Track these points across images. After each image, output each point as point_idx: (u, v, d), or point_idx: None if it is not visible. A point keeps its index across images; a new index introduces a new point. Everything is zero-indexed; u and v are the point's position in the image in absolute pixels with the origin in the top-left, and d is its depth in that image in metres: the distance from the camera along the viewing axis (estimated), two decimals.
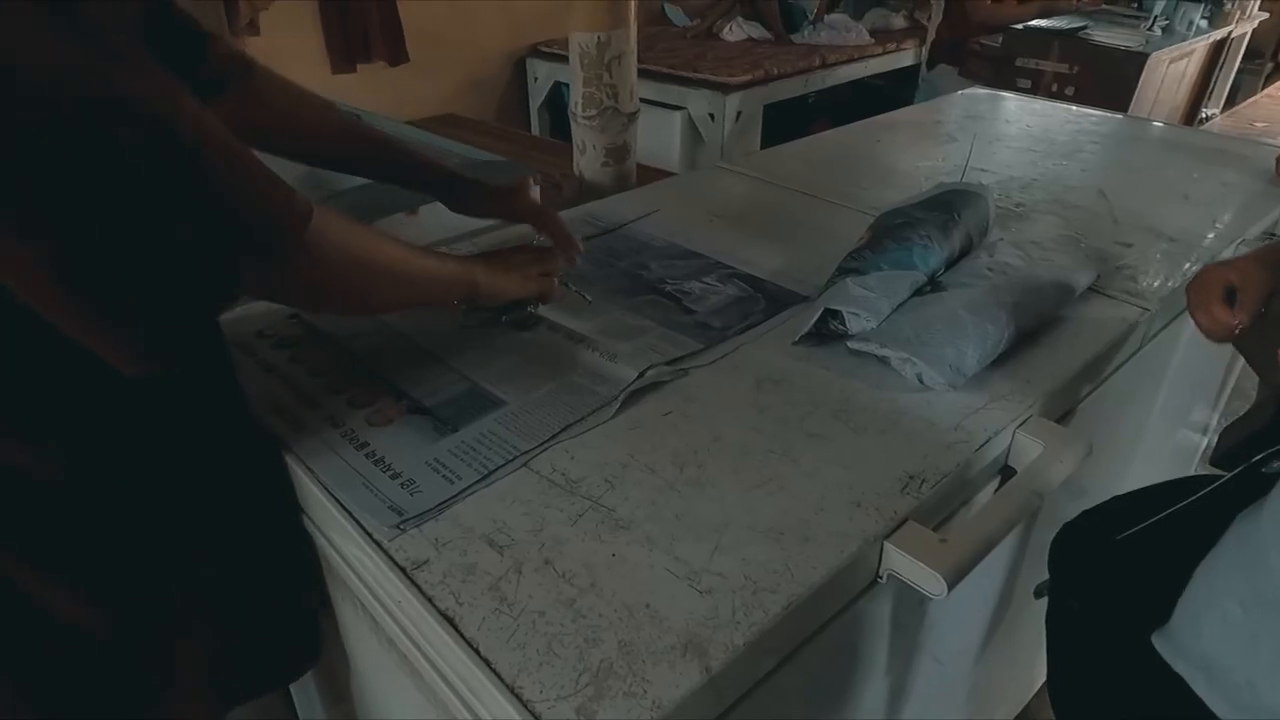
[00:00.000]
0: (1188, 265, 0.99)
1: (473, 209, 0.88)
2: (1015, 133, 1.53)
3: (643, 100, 1.46)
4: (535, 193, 0.89)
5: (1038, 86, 2.84)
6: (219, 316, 0.56)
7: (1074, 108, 1.72)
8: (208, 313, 0.53)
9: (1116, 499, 0.80)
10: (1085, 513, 0.79)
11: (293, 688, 1.01)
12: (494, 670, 0.48)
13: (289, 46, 2.86)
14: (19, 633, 0.57)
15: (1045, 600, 0.80)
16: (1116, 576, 0.72)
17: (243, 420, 0.68)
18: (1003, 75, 2.85)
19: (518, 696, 0.46)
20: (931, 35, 3.46)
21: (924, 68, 3.45)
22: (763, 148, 3.06)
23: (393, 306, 0.76)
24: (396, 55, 3.10)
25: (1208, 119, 3.68)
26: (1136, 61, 2.73)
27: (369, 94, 2.89)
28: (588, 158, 1.43)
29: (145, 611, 0.62)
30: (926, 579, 0.57)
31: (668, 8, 3.97)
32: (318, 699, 0.95)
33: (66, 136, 0.41)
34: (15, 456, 0.53)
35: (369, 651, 0.69)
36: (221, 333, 0.66)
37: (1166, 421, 1.29)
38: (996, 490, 0.72)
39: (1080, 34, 2.86)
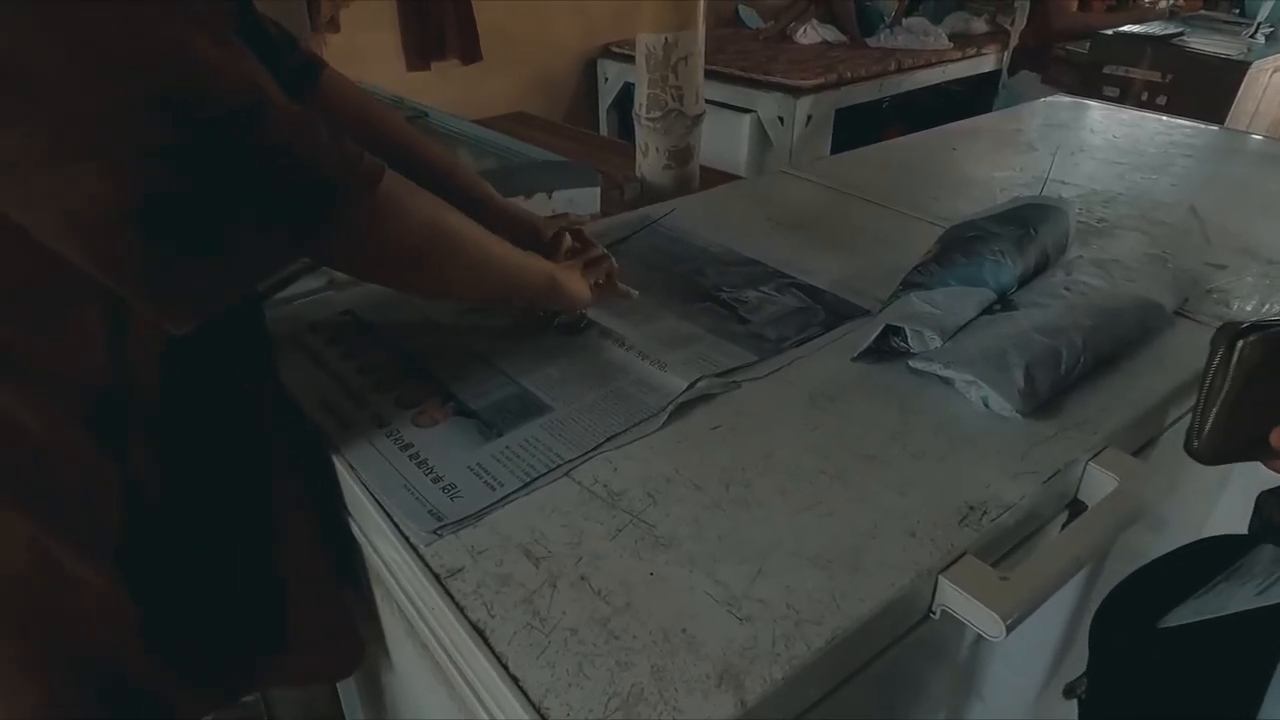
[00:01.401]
0: None
1: None
2: (1100, 143, 1.45)
3: (711, 102, 1.44)
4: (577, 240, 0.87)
5: (1126, 95, 2.71)
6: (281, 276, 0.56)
7: (1165, 118, 1.63)
8: (271, 272, 0.54)
9: (1146, 569, 0.71)
10: (1113, 594, 0.71)
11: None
12: (521, 688, 0.46)
13: (367, 43, 2.93)
14: (62, 625, 0.59)
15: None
16: (1165, 675, 0.64)
17: (284, 409, 0.68)
18: (1089, 83, 2.73)
19: (544, 717, 0.45)
20: (1014, 40, 3.35)
21: (1005, 74, 3.34)
22: (833, 152, 3.00)
23: (466, 290, 0.72)
24: (470, 53, 3.14)
25: None
26: (1236, 71, 2.58)
27: (442, 91, 2.93)
28: (650, 160, 1.41)
29: (195, 602, 0.63)
30: (983, 619, 0.53)
31: (741, 9, 3.94)
32: (357, 692, 0.95)
33: (171, 103, 0.43)
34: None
35: (405, 654, 0.68)
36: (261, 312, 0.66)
37: None
38: (1064, 526, 0.67)
39: (1175, 40, 2.72)
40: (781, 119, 2.89)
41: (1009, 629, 0.53)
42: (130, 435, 0.56)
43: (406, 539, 0.57)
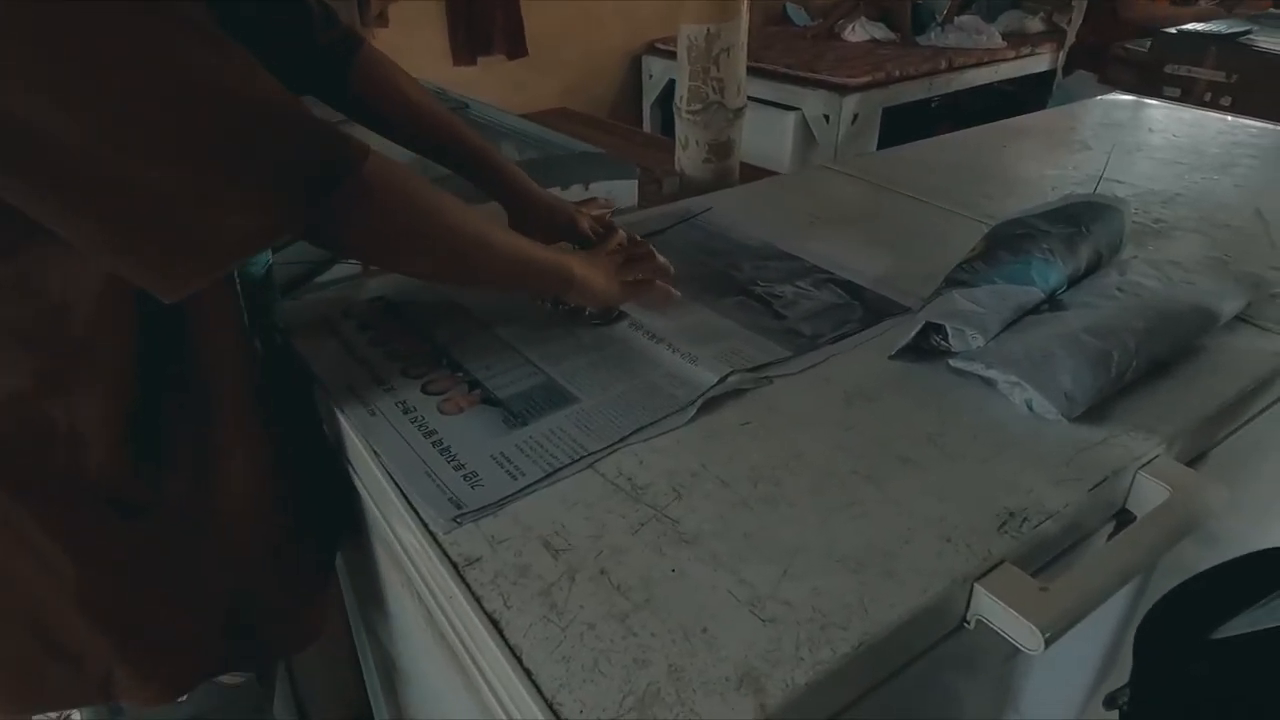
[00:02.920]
0: None
1: (535, 233, 0.83)
2: (1159, 143, 1.40)
3: (757, 100, 1.42)
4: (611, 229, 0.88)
5: (1189, 95, 2.61)
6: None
7: (1230, 118, 1.56)
8: (259, 248, 0.55)
9: (1197, 579, 0.67)
10: (1161, 603, 0.67)
11: (364, 669, 1.02)
12: (534, 682, 0.45)
13: (415, 38, 2.96)
14: (16, 584, 0.59)
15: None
16: (1212, 687, 0.61)
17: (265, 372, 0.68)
18: (1149, 83, 2.64)
19: (555, 713, 0.44)
20: (1071, 39, 3.26)
21: (1060, 73, 3.24)
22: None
23: (475, 277, 0.71)
24: (516, 49, 3.15)
25: None
26: None
27: (487, 87, 2.95)
28: (689, 153, 1.40)
29: (141, 575, 0.63)
30: (1020, 630, 0.51)
31: (789, 7, 3.90)
32: (379, 681, 0.95)
33: (166, 98, 0.45)
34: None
35: (424, 642, 0.68)
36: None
37: None
38: (1110, 537, 0.64)
39: (1242, 39, 2.62)
40: (827, 117, 2.85)
41: (1047, 642, 0.50)
42: (75, 386, 0.56)
43: (425, 526, 0.56)
